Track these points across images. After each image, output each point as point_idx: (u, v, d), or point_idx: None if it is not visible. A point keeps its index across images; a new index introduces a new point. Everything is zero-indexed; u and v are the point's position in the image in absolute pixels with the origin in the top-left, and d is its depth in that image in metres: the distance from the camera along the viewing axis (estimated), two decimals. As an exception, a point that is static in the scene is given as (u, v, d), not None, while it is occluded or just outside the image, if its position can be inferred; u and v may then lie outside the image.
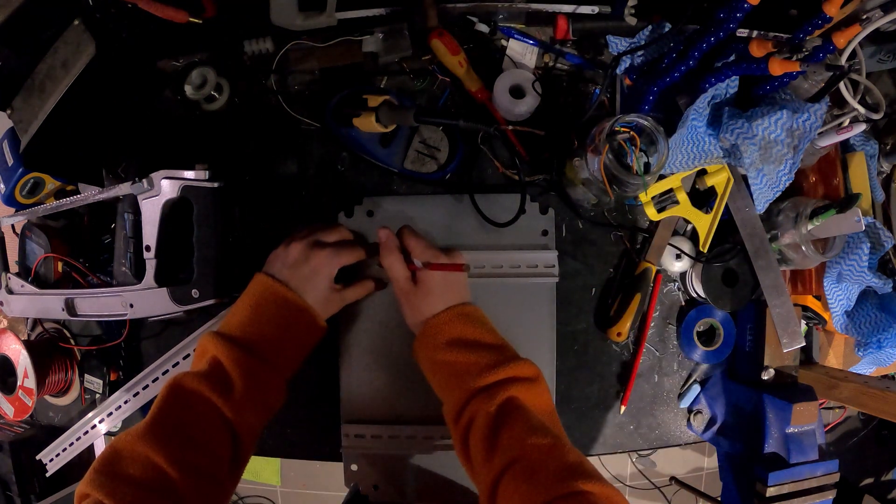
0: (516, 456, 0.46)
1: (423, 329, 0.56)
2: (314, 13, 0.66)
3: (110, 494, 0.42)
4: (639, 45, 0.67)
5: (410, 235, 0.58)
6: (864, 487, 1.42)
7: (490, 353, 0.53)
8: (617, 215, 0.70)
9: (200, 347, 0.54)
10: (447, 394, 0.54)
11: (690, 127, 0.60)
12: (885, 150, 0.75)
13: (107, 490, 0.42)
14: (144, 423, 0.48)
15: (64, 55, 0.59)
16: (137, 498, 0.43)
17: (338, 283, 0.59)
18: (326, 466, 1.76)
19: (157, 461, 0.45)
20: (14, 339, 0.76)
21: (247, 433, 0.52)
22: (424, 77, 0.69)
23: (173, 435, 0.47)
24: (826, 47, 0.55)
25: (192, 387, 0.50)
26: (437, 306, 0.56)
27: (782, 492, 0.60)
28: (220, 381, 0.51)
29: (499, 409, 0.49)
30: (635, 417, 0.71)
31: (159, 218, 0.62)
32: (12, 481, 0.87)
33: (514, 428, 0.48)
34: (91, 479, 0.44)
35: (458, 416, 0.52)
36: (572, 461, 0.45)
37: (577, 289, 0.70)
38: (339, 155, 0.70)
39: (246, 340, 0.53)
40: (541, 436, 0.46)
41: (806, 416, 0.61)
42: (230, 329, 0.54)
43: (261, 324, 0.54)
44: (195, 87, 0.69)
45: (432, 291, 0.56)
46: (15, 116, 0.61)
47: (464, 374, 0.52)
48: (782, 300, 0.66)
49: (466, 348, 0.53)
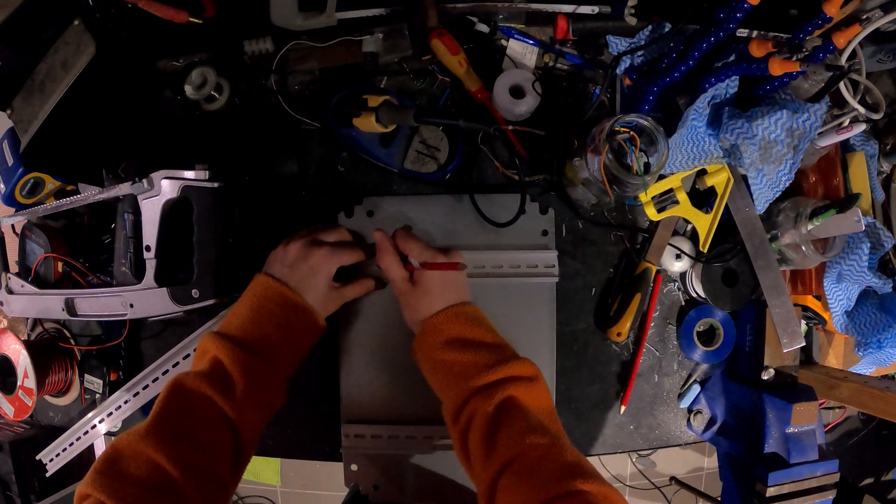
0: (515, 455, 0.46)
1: (422, 329, 0.56)
2: (314, 13, 0.66)
3: (112, 495, 0.42)
4: (639, 45, 0.67)
5: (405, 237, 0.58)
6: (864, 487, 1.41)
7: (489, 352, 0.53)
8: (617, 215, 0.70)
9: (201, 347, 0.54)
10: (446, 393, 0.54)
11: (690, 127, 0.60)
12: (885, 150, 0.75)
13: (108, 490, 0.42)
14: (146, 423, 0.48)
15: (64, 55, 0.59)
16: (139, 498, 0.43)
17: (337, 283, 0.59)
18: (326, 466, 1.76)
19: (159, 461, 0.45)
20: (14, 339, 0.76)
21: (248, 432, 0.52)
22: (424, 77, 0.69)
23: (175, 434, 0.47)
24: (826, 47, 0.55)
25: (194, 386, 0.50)
26: (435, 306, 0.56)
27: (782, 492, 0.60)
28: (221, 381, 0.51)
29: (497, 409, 0.49)
30: (635, 417, 0.71)
31: (159, 218, 0.62)
32: (12, 481, 0.87)
33: (513, 427, 0.48)
34: (92, 479, 0.44)
35: (456, 416, 0.52)
36: (570, 461, 0.45)
37: (577, 289, 0.70)
38: (339, 155, 0.70)
39: (246, 340, 0.53)
40: (539, 435, 0.46)
41: (806, 416, 0.61)
42: (230, 329, 0.54)
43: (261, 323, 0.54)
44: (195, 87, 0.69)
45: (430, 291, 0.56)
46: (15, 116, 0.61)
47: (462, 373, 0.52)
48: (782, 300, 0.66)
49: (465, 348, 0.53)
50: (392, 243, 0.59)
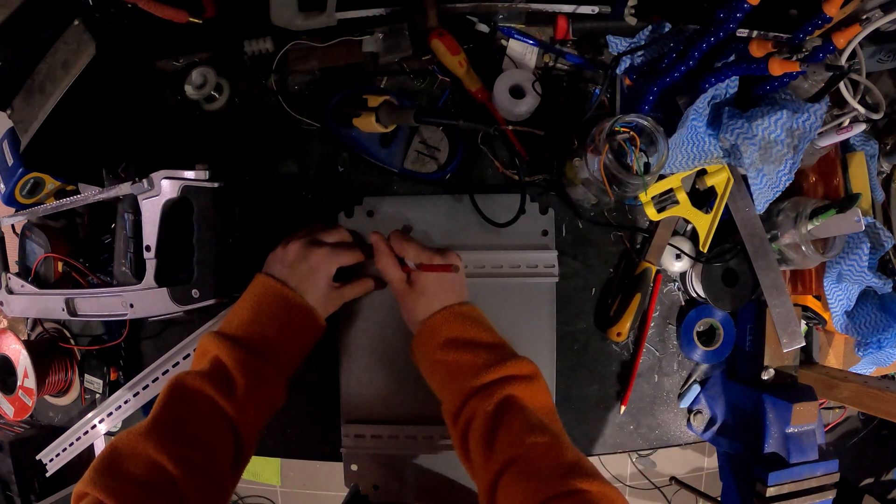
0: (515, 455, 0.46)
1: (421, 329, 0.56)
2: (314, 13, 0.66)
3: (110, 493, 0.42)
4: (639, 45, 0.67)
5: (400, 239, 0.58)
6: (864, 487, 1.41)
7: (487, 352, 0.53)
8: (617, 215, 0.70)
9: (201, 347, 0.54)
10: (445, 393, 0.54)
11: (690, 127, 0.60)
12: (885, 150, 0.75)
13: (107, 489, 0.42)
14: (146, 422, 0.48)
15: (64, 55, 0.59)
16: (138, 496, 0.43)
17: (337, 283, 0.59)
18: (326, 466, 1.76)
19: (159, 460, 0.45)
20: (14, 339, 0.76)
21: (249, 432, 0.52)
22: (424, 77, 0.69)
23: (175, 434, 0.47)
24: (826, 47, 0.55)
25: (195, 386, 0.50)
26: (433, 306, 0.56)
27: (782, 492, 0.60)
28: (222, 380, 0.51)
29: (497, 408, 0.49)
30: (635, 417, 0.71)
31: (159, 218, 0.62)
32: (12, 481, 0.87)
33: (512, 426, 0.48)
34: (90, 477, 0.44)
35: (456, 416, 0.52)
36: (571, 459, 0.45)
37: (577, 289, 0.70)
38: (339, 155, 0.70)
39: (247, 340, 0.53)
40: (539, 434, 0.46)
41: (806, 416, 0.61)
42: (231, 329, 0.54)
43: (261, 323, 0.54)
44: (195, 87, 0.69)
45: (427, 292, 0.56)
46: (15, 116, 0.61)
47: (461, 373, 0.52)
48: (782, 300, 0.65)
49: (463, 348, 0.53)
50: (388, 245, 0.59)
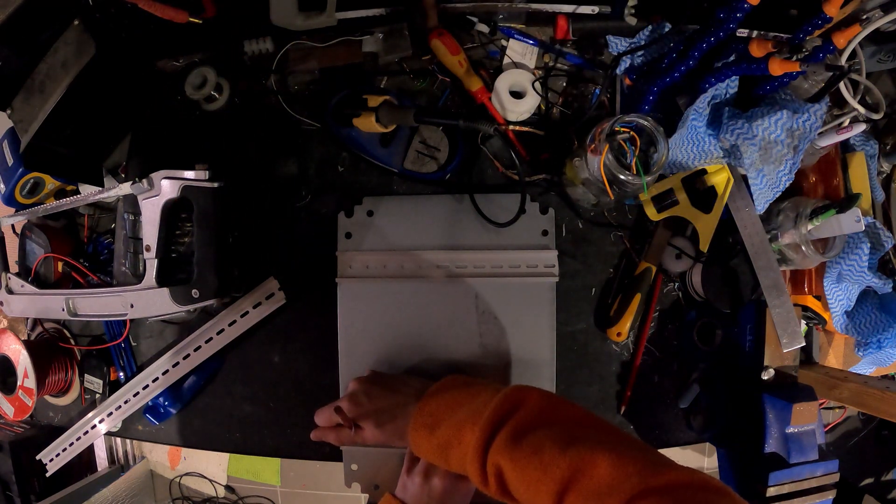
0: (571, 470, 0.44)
1: (410, 445, 0.56)
2: (314, 13, 0.66)
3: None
4: (639, 45, 0.67)
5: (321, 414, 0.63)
6: (864, 487, 1.41)
7: (465, 438, 0.51)
8: (617, 215, 0.70)
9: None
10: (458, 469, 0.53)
11: (690, 127, 0.60)
12: (885, 150, 0.75)
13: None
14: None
15: (64, 55, 0.59)
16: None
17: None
18: (326, 466, 1.76)
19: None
20: (14, 339, 0.76)
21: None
22: (424, 77, 0.69)
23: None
24: (826, 47, 0.55)
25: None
26: (402, 430, 0.56)
27: (782, 492, 0.60)
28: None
29: (497, 481, 0.49)
30: (635, 417, 0.71)
31: (159, 218, 0.62)
32: (12, 481, 0.88)
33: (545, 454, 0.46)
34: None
35: (484, 481, 0.51)
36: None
37: (577, 289, 0.70)
38: (339, 155, 0.70)
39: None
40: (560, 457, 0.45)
41: (806, 416, 0.61)
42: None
43: None
44: (195, 87, 0.69)
45: (382, 426, 0.58)
46: (15, 116, 0.61)
47: (455, 459, 0.52)
48: (782, 300, 0.65)
49: (446, 448, 0.52)
50: (321, 432, 0.63)
